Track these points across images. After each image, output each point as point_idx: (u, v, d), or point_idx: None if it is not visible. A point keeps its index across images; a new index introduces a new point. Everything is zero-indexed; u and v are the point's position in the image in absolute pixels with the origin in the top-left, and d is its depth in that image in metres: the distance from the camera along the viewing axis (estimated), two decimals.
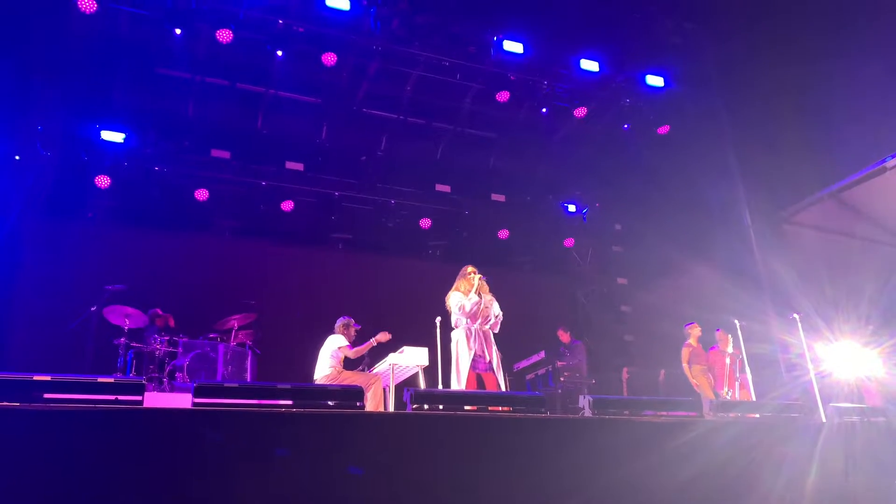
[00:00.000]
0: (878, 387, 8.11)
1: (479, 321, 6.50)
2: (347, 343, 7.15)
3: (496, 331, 6.66)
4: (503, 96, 10.20)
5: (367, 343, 7.09)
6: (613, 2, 10.24)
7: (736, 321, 7.60)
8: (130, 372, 7.52)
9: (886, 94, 8.53)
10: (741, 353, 8.04)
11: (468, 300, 6.46)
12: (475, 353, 6.35)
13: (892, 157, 8.99)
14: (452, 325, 6.57)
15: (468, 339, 6.41)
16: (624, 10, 10.38)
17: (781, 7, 9.68)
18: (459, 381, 6.24)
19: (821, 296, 9.16)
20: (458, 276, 6.73)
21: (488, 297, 6.62)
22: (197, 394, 4.11)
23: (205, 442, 3.83)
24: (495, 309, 6.64)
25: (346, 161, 10.93)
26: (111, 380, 3.96)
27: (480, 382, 6.38)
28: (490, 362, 6.44)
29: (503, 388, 6.44)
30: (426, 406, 4.54)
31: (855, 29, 8.94)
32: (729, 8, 10.18)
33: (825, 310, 8.97)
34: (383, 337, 7.04)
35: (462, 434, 4.32)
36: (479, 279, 6.56)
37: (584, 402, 4.97)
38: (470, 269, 6.69)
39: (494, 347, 6.55)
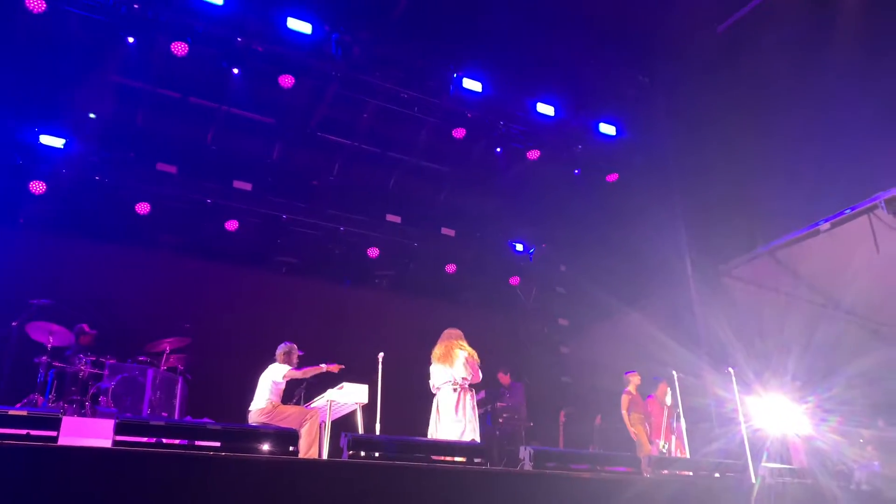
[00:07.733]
0: (804, 444, 8.32)
1: None
2: (291, 368, 6.90)
3: None
4: (459, 133, 10.27)
5: (318, 367, 6.84)
6: (572, 47, 10.40)
7: (674, 373, 7.71)
8: (50, 393, 7.06)
9: (822, 160, 8.90)
10: (678, 405, 8.13)
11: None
12: None
13: (825, 220, 9.39)
14: (459, 382, 6.69)
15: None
16: (582, 56, 10.58)
17: (730, 70, 10.09)
18: (476, 434, 6.55)
19: (752, 350, 9.43)
20: (464, 337, 7.02)
21: None
22: (118, 431, 3.88)
23: (125, 484, 3.60)
24: None
25: (296, 183, 10.73)
26: (24, 413, 3.69)
27: None
28: None
29: None
30: (363, 453, 4.39)
31: (793, 94, 9.37)
32: (683, 66, 10.53)
33: (756, 364, 9.22)
34: (335, 368, 6.83)
35: (400, 485, 4.19)
36: None
37: (524, 453, 4.92)
38: None
39: None
